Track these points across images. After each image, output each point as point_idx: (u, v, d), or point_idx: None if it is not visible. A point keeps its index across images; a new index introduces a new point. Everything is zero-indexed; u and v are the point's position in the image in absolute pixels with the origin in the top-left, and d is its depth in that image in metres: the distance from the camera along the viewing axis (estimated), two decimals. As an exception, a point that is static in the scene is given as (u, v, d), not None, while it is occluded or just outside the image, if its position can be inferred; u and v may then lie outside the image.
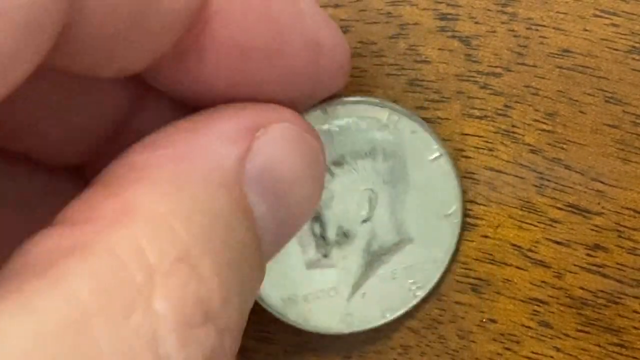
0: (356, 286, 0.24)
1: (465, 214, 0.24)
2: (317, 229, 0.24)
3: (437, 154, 0.24)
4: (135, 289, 0.15)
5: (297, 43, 0.19)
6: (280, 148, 0.19)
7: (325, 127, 0.23)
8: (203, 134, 0.18)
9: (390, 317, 0.24)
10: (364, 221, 0.24)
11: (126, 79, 0.19)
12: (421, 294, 0.24)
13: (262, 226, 0.18)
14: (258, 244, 0.18)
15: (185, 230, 0.16)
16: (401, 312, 0.24)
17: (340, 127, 0.23)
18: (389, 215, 0.24)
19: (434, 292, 0.24)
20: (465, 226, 0.24)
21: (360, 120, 0.23)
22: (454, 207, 0.24)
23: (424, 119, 0.24)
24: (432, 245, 0.24)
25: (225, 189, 0.17)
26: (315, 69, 0.20)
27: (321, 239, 0.24)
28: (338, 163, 0.23)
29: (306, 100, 0.21)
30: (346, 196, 0.23)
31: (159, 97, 0.20)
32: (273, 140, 0.18)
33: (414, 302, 0.24)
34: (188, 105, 0.20)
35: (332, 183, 0.23)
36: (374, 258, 0.24)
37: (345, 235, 0.24)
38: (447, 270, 0.24)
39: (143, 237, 0.15)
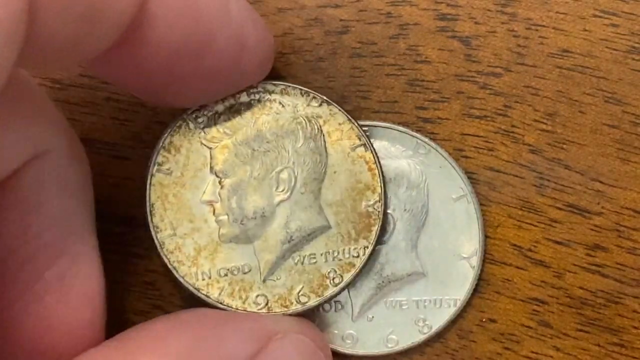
0: (364, 307, 0.24)
1: (486, 260, 0.24)
2: None
3: (461, 193, 0.24)
4: None
5: (223, 40, 0.20)
6: (289, 357, 0.20)
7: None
8: (223, 324, 0.20)
9: (392, 348, 0.24)
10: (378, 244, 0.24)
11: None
12: (428, 332, 0.24)
13: None
14: None
15: None
16: (405, 346, 0.24)
17: None
18: (405, 244, 0.24)
19: (442, 335, 0.24)
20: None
21: (390, 145, 0.24)
22: (473, 250, 0.24)
23: (424, 119, 0.24)
24: (446, 285, 0.24)
25: None
26: (238, 63, 0.21)
27: None
28: None
29: (227, 90, 0.22)
30: None
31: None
32: (285, 349, 0.20)
33: (420, 338, 0.24)
34: (130, 90, 0.21)
35: None
36: (385, 283, 0.24)
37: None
38: (459, 316, 0.24)
39: None
